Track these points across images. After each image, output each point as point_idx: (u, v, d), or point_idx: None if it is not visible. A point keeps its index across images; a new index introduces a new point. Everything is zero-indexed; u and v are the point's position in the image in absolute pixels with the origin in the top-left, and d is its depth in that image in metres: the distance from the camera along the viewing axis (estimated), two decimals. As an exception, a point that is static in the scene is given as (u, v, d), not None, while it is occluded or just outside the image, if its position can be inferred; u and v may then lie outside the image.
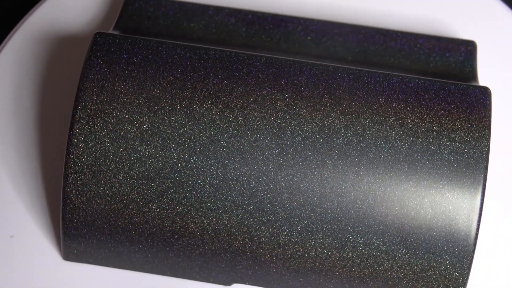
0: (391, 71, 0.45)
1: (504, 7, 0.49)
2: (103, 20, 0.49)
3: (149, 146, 0.41)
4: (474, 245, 0.40)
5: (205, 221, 0.41)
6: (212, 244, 0.41)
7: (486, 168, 0.40)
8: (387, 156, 0.40)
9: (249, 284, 0.42)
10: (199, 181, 0.41)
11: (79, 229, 0.42)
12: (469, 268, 0.40)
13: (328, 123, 0.41)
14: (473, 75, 0.45)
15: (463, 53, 0.46)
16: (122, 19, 0.47)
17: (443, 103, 0.41)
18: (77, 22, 0.49)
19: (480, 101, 0.41)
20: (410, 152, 0.40)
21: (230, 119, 0.41)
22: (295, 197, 0.40)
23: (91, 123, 0.41)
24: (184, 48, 0.43)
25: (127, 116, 0.41)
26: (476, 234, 0.40)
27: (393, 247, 0.40)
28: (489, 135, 0.40)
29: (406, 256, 0.40)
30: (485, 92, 0.41)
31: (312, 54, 0.46)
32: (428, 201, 0.40)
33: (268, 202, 0.41)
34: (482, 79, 0.46)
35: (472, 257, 0.40)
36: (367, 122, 0.41)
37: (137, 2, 0.48)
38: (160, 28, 0.47)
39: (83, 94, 0.41)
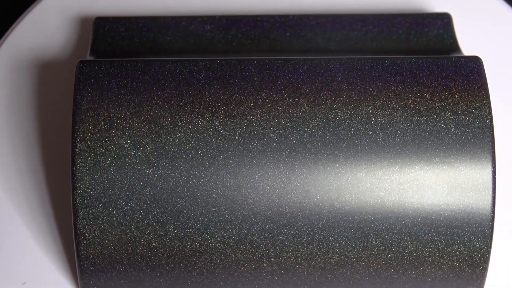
0: (377, 55, 0.45)
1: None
2: (76, 43, 0.48)
3: (157, 168, 0.40)
4: (493, 212, 0.40)
5: (225, 234, 0.40)
6: (235, 255, 0.41)
7: (492, 135, 0.40)
8: (395, 139, 0.40)
9: None
10: (213, 195, 0.40)
11: (97, 264, 0.41)
12: (491, 236, 0.41)
13: (332, 116, 0.41)
14: (455, 46, 0.46)
15: (440, 26, 0.47)
16: (96, 43, 0.46)
17: (439, 79, 0.41)
18: (49, 48, 0.47)
19: (474, 71, 0.42)
20: (417, 131, 0.40)
21: (234, 127, 0.40)
22: (311, 194, 0.40)
23: (93, 154, 0.40)
24: (173, 63, 0.42)
25: (129, 141, 0.40)
26: (493, 201, 0.40)
27: (415, 228, 0.40)
28: (489, 102, 0.41)
29: (429, 235, 0.41)
30: (477, 62, 0.42)
31: (295, 49, 0.46)
32: (443, 177, 0.40)
33: (286, 205, 0.40)
34: (466, 50, 0.47)
35: (493, 224, 0.41)
36: (370, 109, 0.41)
37: (107, 24, 0.46)
38: (137, 46, 0.46)
39: (79, 126, 0.40)
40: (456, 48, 0.46)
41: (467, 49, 0.47)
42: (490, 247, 0.41)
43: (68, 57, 0.47)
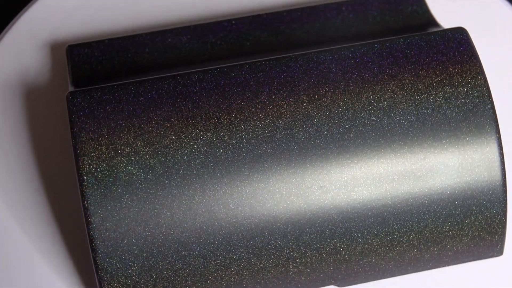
0: (359, 41, 0.45)
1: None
2: (50, 69, 0.46)
3: (170, 189, 0.39)
4: (504, 176, 0.41)
5: (247, 243, 0.40)
6: (260, 263, 0.40)
7: (492, 102, 0.41)
8: (400, 121, 0.40)
9: None
10: (231, 206, 0.39)
11: (122, 296, 0.40)
12: (505, 200, 0.41)
13: (334, 108, 0.40)
14: (432, 20, 0.46)
15: (413, 2, 0.47)
16: (74, 71, 0.45)
17: (431, 55, 0.42)
18: (24, 77, 0.46)
19: (462, 42, 0.42)
20: (419, 110, 0.41)
21: (240, 135, 0.40)
22: (327, 189, 0.40)
23: (102, 185, 0.39)
24: (165, 80, 0.41)
25: (136, 166, 0.39)
26: (503, 166, 0.41)
27: (432, 205, 0.41)
28: (483, 71, 0.41)
29: (447, 210, 0.41)
30: (463, 33, 0.42)
31: (276, 47, 0.45)
32: (452, 150, 0.41)
33: (304, 204, 0.40)
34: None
35: (505, 189, 0.41)
36: (370, 95, 0.41)
37: (80, 50, 0.45)
38: (118, 68, 0.45)
39: (83, 159, 0.39)
40: (434, 22, 0.46)
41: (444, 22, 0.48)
42: (506, 211, 0.41)
43: (47, 84, 0.46)
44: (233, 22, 0.46)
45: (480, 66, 0.41)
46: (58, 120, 0.45)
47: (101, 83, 0.44)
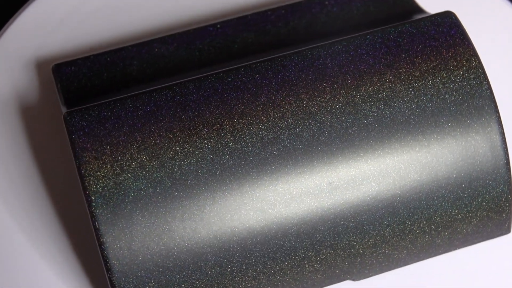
0: (346, 34, 0.45)
1: None
2: (38, 87, 0.45)
3: (180, 200, 0.38)
4: (506, 154, 0.41)
5: (262, 247, 0.39)
6: (276, 265, 0.40)
7: (488, 82, 0.41)
8: (401, 110, 0.40)
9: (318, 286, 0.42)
10: (242, 211, 0.39)
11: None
12: (510, 177, 0.41)
13: (335, 103, 0.40)
14: (416, 6, 0.46)
15: None
16: (64, 90, 0.44)
17: (423, 41, 0.42)
18: (11, 96, 0.45)
19: (452, 25, 0.42)
20: (419, 97, 0.41)
21: (244, 139, 0.39)
22: (336, 185, 0.40)
23: (111, 204, 0.38)
24: (161, 91, 0.40)
25: (144, 181, 0.38)
26: (505, 144, 0.41)
27: (440, 190, 0.41)
28: (476, 52, 0.41)
29: (454, 193, 0.41)
30: (452, 16, 0.42)
31: (264, 48, 0.45)
32: (454, 134, 0.41)
33: (315, 202, 0.40)
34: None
35: (509, 167, 0.41)
36: (368, 87, 0.41)
37: (66, 69, 0.44)
38: (107, 83, 0.44)
39: (88, 179, 0.38)
40: (418, 8, 0.46)
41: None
42: (511, 189, 0.42)
43: (36, 103, 0.45)
44: (218, 26, 0.46)
45: (473, 48, 0.42)
46: (54, 135, 0.45)
47: (93, 100, 0.43)
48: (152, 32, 0.47)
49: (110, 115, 0.39)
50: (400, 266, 0.42)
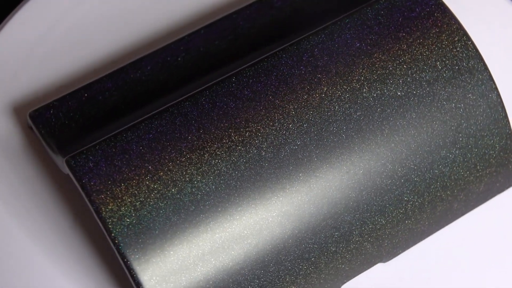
0: (317, 21, 0.44)
1: None
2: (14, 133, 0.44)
3: (205, 220, 0.37)
4: (502, 107, 0.42)
5: (291, 250, 0.39)
6: (308, 267, 0.39)
7: (473, 42, 0.42)
8: (398, 86, 0.40)
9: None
10: (269, 219, 0.38)
11: None
12: (509, 128, 0.42)
13: (333, 93, 0.40)
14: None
15: None
16: (48, 136, 0.42)
17: (401, 14, 0.42)
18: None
19: (436, 2, 0.42)
20: (412, 70, 0.41)
21: (257, 146, 0.39)
22: (354, 172, 0.40)
23: (140, 241, 0.37)
24: (159, 115, 0.39)
25: (168, 210, 0.37)
26: (501, 100, 0.42)
27: (450, 155, 0.41)
28: (455, 16, 0.42)
29: (463, 156, 0.41)
30: None
31: (241, 52, 0.44)
32: (453, 99, 0.41)
33: (337, 193, 0.39)
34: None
35: (507, 118, 0.42)
36: (362, 70, 0.40)
37: (44, 115, 0.42)
38: (92, 118, 0.42)
39: (111, 220, 0.37)
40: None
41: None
42: None
43: (20, 149, 0.43)
44: (186, 38, 0.45)
45: (450, 12, 0.42)
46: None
47: (83, 138, 0.41)
48: (121, 58, 0.46)
49: (115, 151, 0.38)
50: (424, 238, 0.42)
